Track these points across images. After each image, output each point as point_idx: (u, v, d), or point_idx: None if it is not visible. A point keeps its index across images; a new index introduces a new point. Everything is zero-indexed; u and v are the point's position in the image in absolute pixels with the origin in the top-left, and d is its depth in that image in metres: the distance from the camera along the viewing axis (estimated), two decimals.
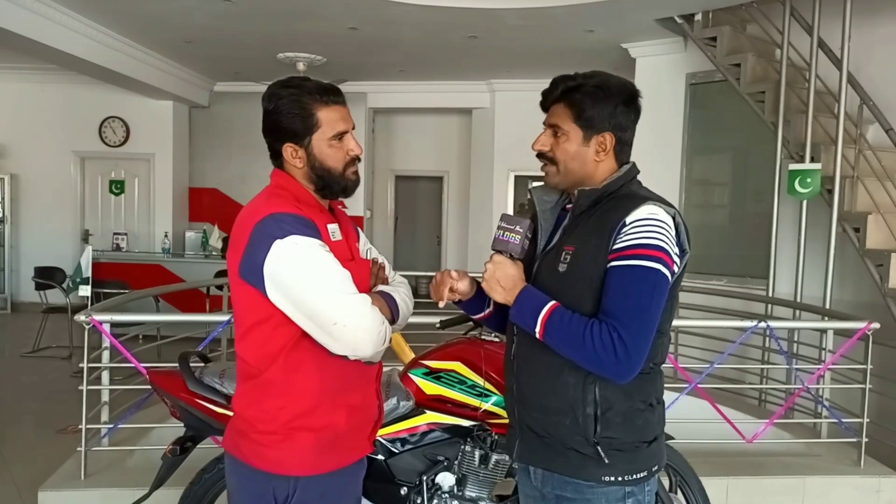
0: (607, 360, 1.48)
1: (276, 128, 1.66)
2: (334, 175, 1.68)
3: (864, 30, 4.96)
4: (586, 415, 1.59)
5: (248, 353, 1.68)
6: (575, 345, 1.51)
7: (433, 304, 1.78)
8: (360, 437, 1.77)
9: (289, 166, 1.70)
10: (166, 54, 8.02)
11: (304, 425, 1.64)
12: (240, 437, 1.70)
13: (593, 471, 1.60)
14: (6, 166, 9.36)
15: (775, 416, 3.97)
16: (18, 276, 9.33)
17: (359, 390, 1.74)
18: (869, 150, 4.88)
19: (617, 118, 1.62)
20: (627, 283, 1.50)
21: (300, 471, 1.65)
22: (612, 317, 1.49)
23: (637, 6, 5.70)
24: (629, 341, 1.47)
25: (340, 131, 1.67)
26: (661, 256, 1.51)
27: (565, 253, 1.61)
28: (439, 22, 6.33)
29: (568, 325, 1.52)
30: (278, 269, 1.55)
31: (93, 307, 3.49)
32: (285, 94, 1.65)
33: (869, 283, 4.73)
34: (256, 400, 1.67)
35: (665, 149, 6.53)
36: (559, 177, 1.66)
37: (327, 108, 1.65)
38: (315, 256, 1.57)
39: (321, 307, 1.56)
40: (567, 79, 1.64)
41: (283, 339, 1.62)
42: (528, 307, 1.58)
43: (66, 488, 3.20)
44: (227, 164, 9.72)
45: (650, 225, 1.52)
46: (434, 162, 10.88)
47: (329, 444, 1.67)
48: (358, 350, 1.61)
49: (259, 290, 1.58)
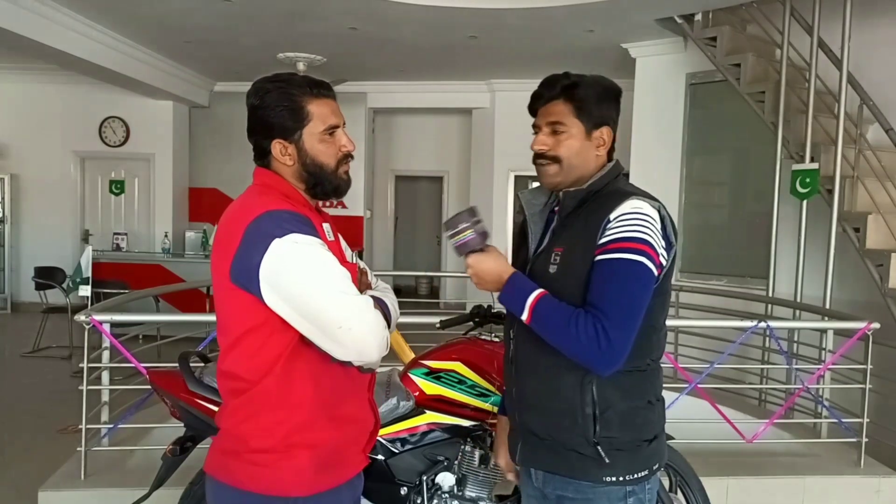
0: (590, 350, 1.49)
1: (264, 124, 1.57)
2: (326, 172, 1.59)
3: (864, 30, 4.96)
4: (585, 415, 1.59)
5: (239, 366, 1.55)
6: (560, 332, 1.52)
7: (433, 305, 1.78)
8: (356, 451, 1.68)
9: (277, 164, 1.59)
10: (166, 54, 8.02)
11: (301, 440, 1.54)
12: (230, 459, 1.57)
13: (594, 471, 1.60)
14: (6, 166, 9.36)
15: (775, 416, 3.97)
16: (18, 276, 9.33)
17: (353, 400, 1.66)
18: (869, 150, 4.89)
19: (612, 114, 1.67)
20: (611, 276, 1.51)
21: (299, 491, 1.53)
22: (597, 308, 1.50)
23: (637, 6, 5.70)
24: (612, 333, 1.48)
25: (332, 125, 1.59)
26: (646, 250, 1.51)
27: (555, 254, 1.62)
28: (439, 22, 6.33)
29: (555, 312, 1.54)
30: (277, 270, 1.44)
31: (93, 307, 3.50)
32: (273, 87, 1.56)
33: (869, 283, 4.73)
34: (251, 415, 1.54)
35: (665, 149, 6.53)
36: (561, 175, 1.66)
37: (318, 101, 1.57)
38: (317, 256, 1.47)
39: (326, 310, 1.46)
40: (562, 77, 1.66)
41: (278, 347, 1.51)
42: (516, 292, 1.59)
43: (66, 488, 3.20)
44: (227, 164, 9.70)
45: (634, 218, 1.53)
46: (434, 162, 10.88)
47: (327, 461, 1.57)
48: (364, 354, 1.51)
49: (253, 295, 1.47)
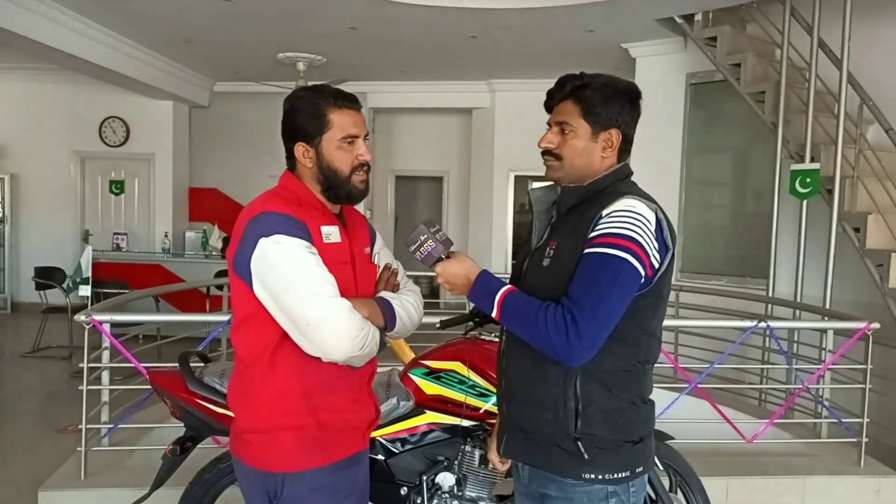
0: (558, 341, 1.49)
1: (292, 127, 1.73)
2: (340, 177, 1.72)
3: (864, 30, 4.96)
4: (567, 409, 1.59)
5: (241, 346, 1.74)
6: (528, 324, 1.53)
7: (433, 305, 1.81)
8: (351, 436, 1.77)
9: (300, 167, 1.75)
10: (166, 54, 8.02)
11: (283, 424, 1.69)
12: (234, 437, 1.79)
13: (574, 468, 1.60)
14: (6, 166, 9.36)
15: (775, 416, 3.97)
16: (18, 276, 9.33)
17: (344, 394, 1.75)
18: (869, 150, 4.88)
19: (623, 115, 1.66)
20: (592, 269, 1.52)
21: (285, 467, 1.69)
22: (571, 300, 1.51)
23: (637, 6, 5.70)
24: (582, 326, 1.48)
25: (351, 134, 1.72)
26: (632, 247, 1.51)
27: (549, 248, 1.64)
28: (439, 22, 6.33)
29: (523, 306, 1.55)
30: (262, 266, 1.61)
31: (93, 307, 3.50)
32: (303, 95, 1.74)
33: (869, 283, 4.73)
34: (242, 394, 1.75)
35: (665, 149, 6.54)
36: (562, 171, 1.68)
37: (340, 111, 1.72)
38: (296, 257, 1.60)
39: (296, 306, 1.60)
40: (574, 77, 1.67)
41: (268, 335, 1.67)
42: (484, 290, 1.61)
43: (66, 488, 3.20)
44: (227, 164, 9.73)
45: (625, 216, 1.54)
46: (434, 162, 10.87)
47: (312, 442, 1.70)
48: (329, 353, 1.62)
49: (248, 285, 1.64)
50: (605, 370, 1.58)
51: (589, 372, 1.57)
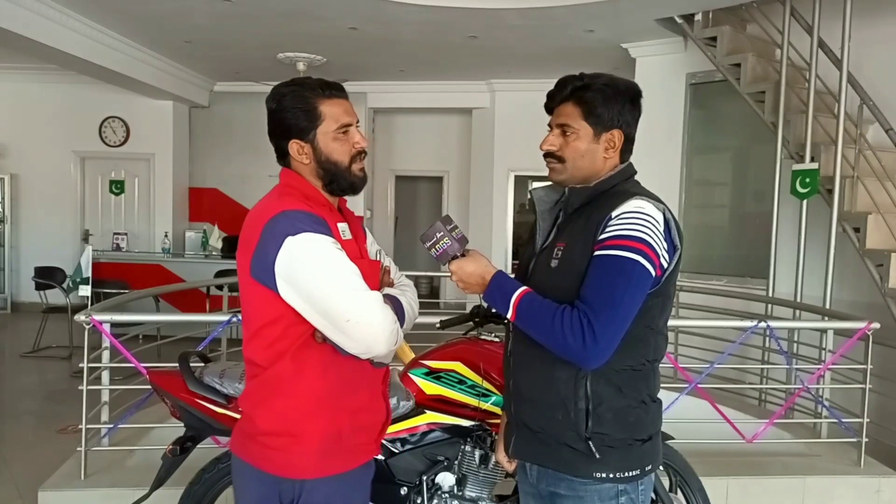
0: (575, 344, 1.49)
1: (282, 126, 1.67)
2: (341, 169, 1.68)
3: (864, 30, 4.95)
4: (578, 409, 1.60)
5: (256, 354, 1.67)
6: (545, 327, 1.53)
7: (433, 304, 1.80)
8: (367, 440, 1.76)
9: (296, 164, 1.70)
10: (166, 54, 8.02)
11: (308, 427, 1.65)
12: (247, 440, 1.71)
13: (585, 467, 1.61)
14: (6, 166, 9.36)
15: (775, 416, 3.97)
16: (18, 276, 9.33)
17: (365, 392, 1.74)
18: (869, 150, 4.88)
19: (625, 116, 1.65)
20: (604, 272, 1.52)
21: (305, 474, 1.65)
22: (585, 303, 1.51)
23: (637, 6, 5.70)
24: (598, 329, 1.49)
25: (344, 124, 1.68)
26: (643, 249, 1.52)
27: (557, 249, 1.64)
28: (439, 22, 6.33)
29: (539, 309, 1.55)
30: (291, 266, 1.55)
31: (93, 307, 3.49)
32: (287, 91, 1.67)
33: (869, 283, 4.73)
34: (263, 398, 1.67)
35: (665, 149, 6.54)
36: (566, 174, 1.68)
37: (330, 101, 1.67)
38: (328, 253, 1.56)
39: (334, 304, 1.56)
40: (574, 78, 1.66)
41: (292, 338, 1.62)
42: (499, 291, 1.61)
43: (66, 488, 3.20)
44: (227, 164, 9.72)
45: (635, 217, 1.54)
46: (434, 162, 10.87)
47: (334, 447, 1.67)
48: (372, 348, 1.60)
49: (271, 289, 1.58)
50: (615, 369, 1.58)
51: (599, 371, 1.57)
